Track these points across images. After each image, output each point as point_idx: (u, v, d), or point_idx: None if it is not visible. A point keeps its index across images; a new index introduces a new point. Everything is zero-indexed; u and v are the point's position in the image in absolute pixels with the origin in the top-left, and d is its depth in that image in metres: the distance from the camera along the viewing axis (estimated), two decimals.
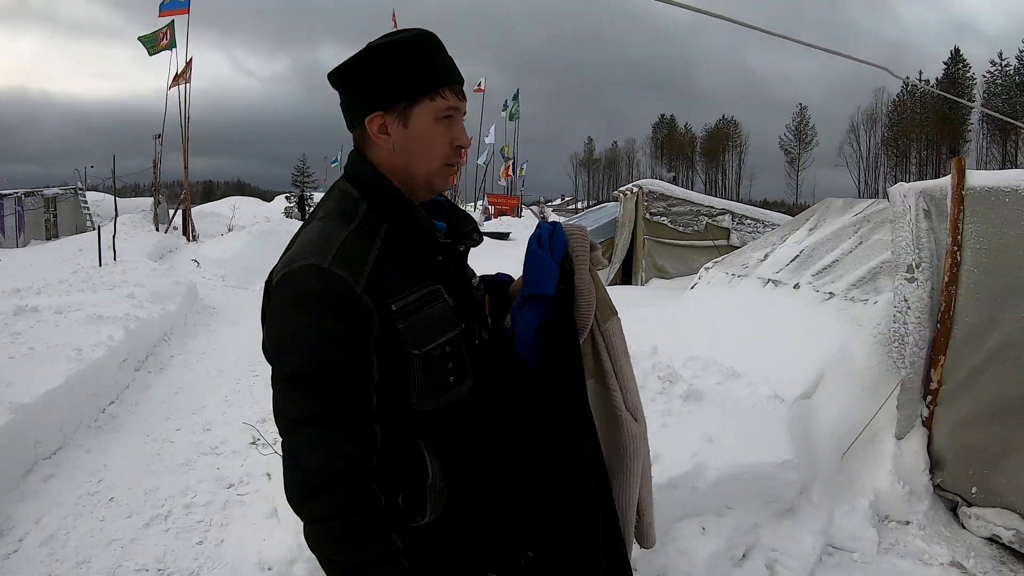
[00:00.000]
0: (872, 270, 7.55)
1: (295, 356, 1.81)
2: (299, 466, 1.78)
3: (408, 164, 2.05)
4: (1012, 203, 5.50)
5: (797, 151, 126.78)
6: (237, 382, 9.31)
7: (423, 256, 2.04)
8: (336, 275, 1.81)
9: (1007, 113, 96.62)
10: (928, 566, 5.21)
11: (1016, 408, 5.44)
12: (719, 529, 4.97)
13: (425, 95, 2.00)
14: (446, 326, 2.01)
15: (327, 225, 1.97)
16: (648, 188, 16.18)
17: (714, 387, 6.27)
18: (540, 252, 2.23)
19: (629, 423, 2.33)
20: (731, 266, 10.02)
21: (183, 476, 6.44)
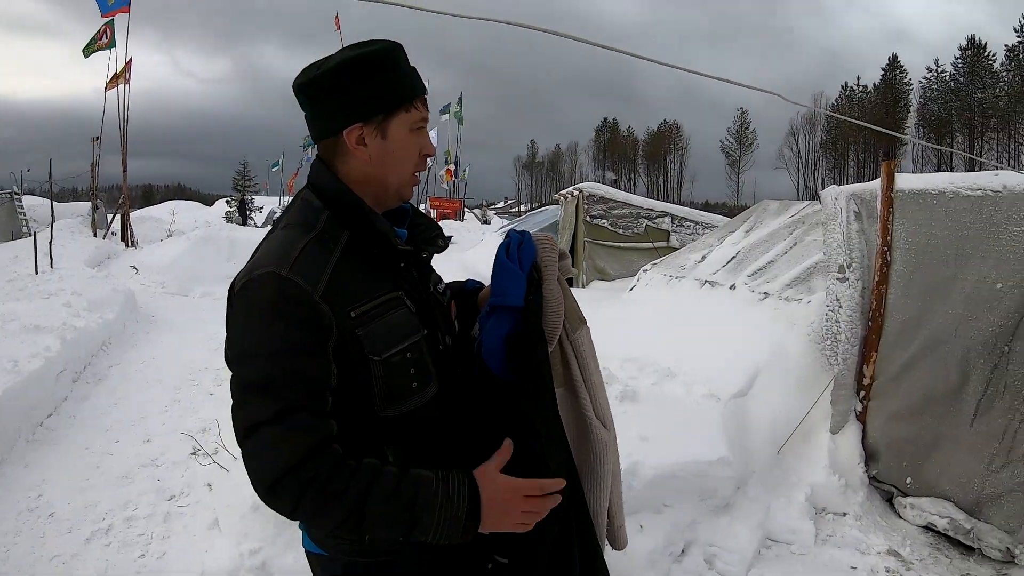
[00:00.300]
0: (806, 270, 7.72)
1: (253, 364, 1.84)
2: (260, 466, 1.81)
3: (383, 174, 2.09)
4: (939, 205, 5.67)
5: (738, 154, 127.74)
6: (177, 391, 9.20)
7: (384, 263, 2.06)
8: (294, 282, 1.84)
9: (941, 118, 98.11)
10: (865, 555, 5.35)
11: (946, 400, 5.62)
12: (657, 526, 5.06)
13: (401, 107, 2.05)
14: (407, 332, 2.03)
15: (288, 234, 1.99)
16: (588, 191, 16.26)
17: (650, 387, 6.35)
18: (508, 263, 2.24)
19: (599, 430, 2.34)
20: (669, 268, 10.15)
21: (123, 489, 6.36)
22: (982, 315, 5.35)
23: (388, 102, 2.03)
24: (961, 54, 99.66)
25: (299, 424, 1.81)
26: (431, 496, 1.89)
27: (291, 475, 1.78)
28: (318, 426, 1.84)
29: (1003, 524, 5.25)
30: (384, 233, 2.02)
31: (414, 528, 1.87)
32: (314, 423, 1.84)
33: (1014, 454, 5.20)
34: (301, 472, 1.78)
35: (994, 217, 5.29)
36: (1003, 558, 5.21)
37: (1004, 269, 5.22)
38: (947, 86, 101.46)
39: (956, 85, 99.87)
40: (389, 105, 2.03)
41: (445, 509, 1.89)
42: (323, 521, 1.86)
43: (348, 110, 2.02)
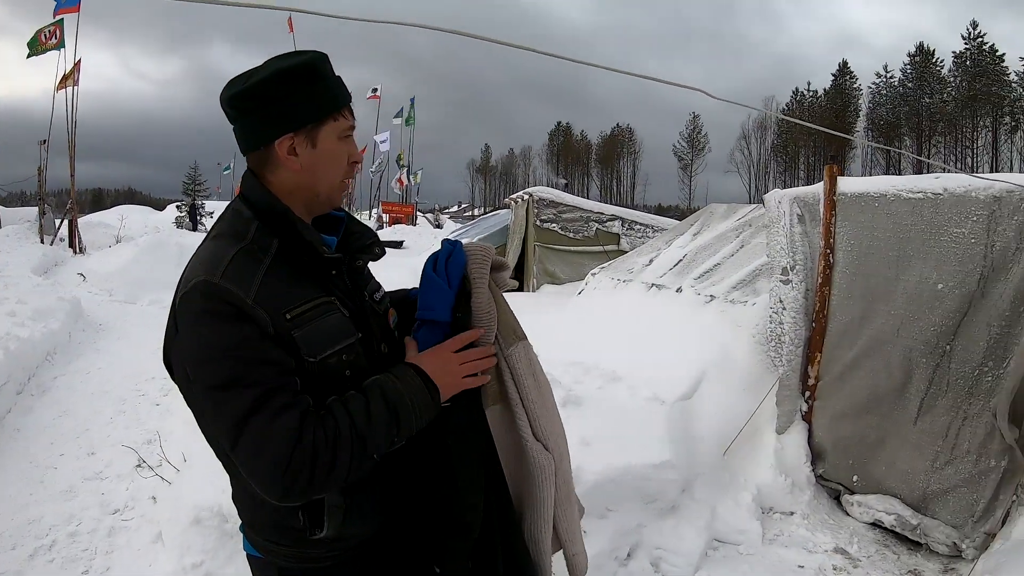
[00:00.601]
0: (751, 273, 7.76)
1: (213, 366, 1.86)
2: (264, 458, 1.82)
3: (314, 182, 2.11)
4: (881, 207, 5.73)
5: (690, 158, 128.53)
6: (123, 402, 9.05)
7: (314, 271, 2.08)
8: (226, 288, 1.87)
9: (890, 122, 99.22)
10: (812, 554, 5.39)
11: (890, 399, 5.70)
12: (600, 531, 5.03)
13: (330, 116, 2.08)
14: (341, 335, 2.05)
15: (217, 244, 2.02)
16: (538, 195, 16.34)
17: (594, 392, 6.32)
18: (435, 277, 2.24)
19: (536, 452, 2.31)
20: (617, 271, 10.17)
21: (67, 504, 6.24)
22: (924, 315, 5.42)
23: (318, 111, 2.06)
24: (910, 60, 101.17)
25: (281, 403, 1.85)
26: (394, 389, 2.02)
27: (297, 450, 1.82)
28: (298, 400, 1.89)
29: (949, 519, 5.33)
30: (311, 242, 2.04)
31: (399, 420, 2.00)
32: (294, 399, 1.88)
33: (958, 451, 5.29)
34: (303, 442, 1.83)
35: (935, 219, 5.35)
36: (950, 552, 5.29)
37: (945, 270, 5.29)
38: (896, 91, 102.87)
39: (905, 90, 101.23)
40: (319, 114, 2.06)
41: (410, 391, 2.04)
42: (339, 469, 1.90)
43: (279, 121, 2.04)
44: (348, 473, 1.92)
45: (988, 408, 5.09)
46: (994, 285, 5.04)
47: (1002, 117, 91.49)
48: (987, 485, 5.15)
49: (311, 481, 1.85)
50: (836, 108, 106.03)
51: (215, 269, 1.90)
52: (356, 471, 1.94)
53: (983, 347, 5.13)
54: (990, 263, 5.05)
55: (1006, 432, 4.94)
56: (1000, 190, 5.00)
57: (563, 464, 2.43)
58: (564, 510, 2.45)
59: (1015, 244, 4.93)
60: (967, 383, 5.23)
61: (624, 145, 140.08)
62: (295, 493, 1.86)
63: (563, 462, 2.44)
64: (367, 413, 1.95)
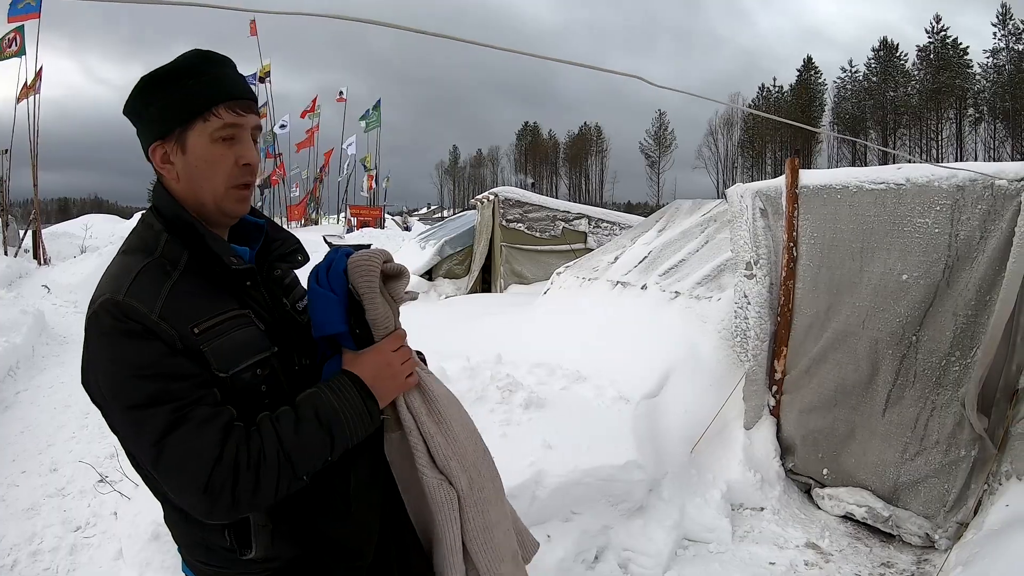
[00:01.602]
0: (716, 268, 7.75)
1: (125, 386, 1.79)
2: (184, 476, 1.76)
3: (194, 190, 2.01)
4: (843, 199, 5.71)
5: (657, 155, 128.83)
6: (86, 416, 8.83)
7: (227, 282, 2.01)
8: (130, 305, 1.80)
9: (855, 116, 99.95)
10: (783, 549, 5.36)
11: (857, 392, 5.70)
12: (566, 535, 4.97)
13: (197, 117, 1.95)
14: (255, 349, 1.98)
15: (125, 259, 1.96)
16: (504, 195, 16.28)
17: (558, 393, 6.26)
18: (319, 289, 2.09)
19: (434, 488, 2.16)
20: (582, 269, 10.13)
21: (29, 522, 6.14)
22: (889, 307, 5.41)
23: (179, 114, 1.95)
24: (874, 55, 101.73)
25: (200, 418, 1.79)
26: (327, 404, 1.94)
27: (217, 467, 1.76)
28: (218, 413, 1.83)
29: (920, 510, 5.34)
30: (217, 254, 1.97)
31: (333, 437, 1.93)
32: (212, 412, 1.82)
33: (927, 441, 5.31)
34: (224, 458, 1.77)
35: (898, 210, 5.34)
36: (923, 543, 5.30)
37: (909, 260, 5.28)
38: (860, 86, 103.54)
39: (869, 84, 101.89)
40: (180, 117, 1.96)
41: (344, 404, 1.96)
42: (266, 490, 1.83)
43: (148, 129, 2.00)
44: (275, 493, 1.85)
45: (956, 398, 5.11)
46: (959, 274, 5.04)
47: (966, 109, 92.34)
48: (958, 475, 5.15)
49: (235, 500, 1.78)
50: (801, 103, 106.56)
51: (120, 286, 1.84)
52: (284, 491, 1.87)
53: (950, 337, 5.13)
54: (955, 252, 5.04)
55: (975, 422, 4.94)
56: (963, 179, 4.99)
57: (480, 494, 2.27)
58: (483, 543, 2.26)
59: (979, 233, 4.93)
60: (935, 373, 5.23)
61: (592, 143, 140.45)
62: (219, 511, 1.79)
63: (482, 491, 2.28)
64: (296, 433, 1.88)
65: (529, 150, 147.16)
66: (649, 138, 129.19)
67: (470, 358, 6.43)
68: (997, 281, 4.84)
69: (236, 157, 2.01)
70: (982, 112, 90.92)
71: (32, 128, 26.51)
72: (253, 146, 2.08)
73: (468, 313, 9.96)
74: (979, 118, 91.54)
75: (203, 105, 1.95)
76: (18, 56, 25.87)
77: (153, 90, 1.95)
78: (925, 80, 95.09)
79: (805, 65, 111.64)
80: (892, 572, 5.10)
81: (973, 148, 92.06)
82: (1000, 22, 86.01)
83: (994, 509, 4.81)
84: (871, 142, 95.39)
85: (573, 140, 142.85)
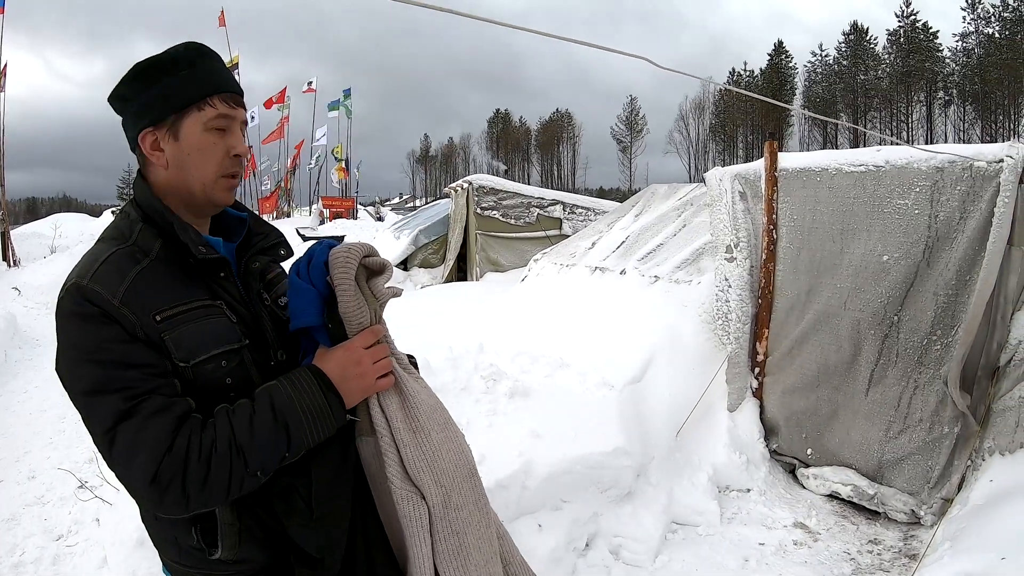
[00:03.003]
0: (695, 252, 7.78)
1: (80, 369, 1.79)
2: (132, 467, 1.74)
3: (184, 178, 2.01)
4: (823, 182, 5.75)
5: (629, 140, 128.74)
6: (62, 420, 8.74)
7: (199, 272, 2.00)
8: (92, 290, 1.80)
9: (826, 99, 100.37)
10: (772, 530, 5.40)
11: (840, 372, 5.76)
12: (557, 523, 4.98)
13: (192, 105, 1.96)
14: (221, 340, 1.96)
15: (99, 247, 1.96)
16: (478, 183, 16.23)
17: (542, 380, 6.26)
18: (298, 281, 2.07)
19: (403, 500, 2.05)
20: (560, 256, 10.11)
21: (9, 532, 6.01)
22: (870, 287, 5.46)
23: (174, 101, 1.96)
24: (844, 39, 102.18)
25: (152, 408, 1.77)
26: (285, 398, 1.90)
27: (166, 459, 1.73)
28: (173, 404, 1.80)
29: (905, 487, 5.41)
30: (185, 244, 1.95)
31: (289, 433, 1.87)
32: (167, 402, 1.80)
33: (911, 419, 5.38)
34: (174, 450, 1.74)
35: (878, 191, 5.38)
36: (908, 520, 5.37)
37: (889, 241, 5.32)
38: (831, 69, 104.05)
39: (840, 68, 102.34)
40: (175, 104, 1.96)
41: (303, 400, 1.91)
42: (216, 484, 1.78)
43: (139, 115, 1.98)
44: (228, 488, 1.82)
45: (939, 376, 5.17)
46: (939, 255, 5.09)
47: (936, 92, 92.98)
48: (941, 452, 5.22)
49: (184, 493, 1.75)
50: (773, 87, 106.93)
51: (86, 272, 1.85)
52: (238, 487, 1.83)
53: (931, 316, 5.18)
54: (935, 233, 5.09)
55: (958, 399, 5.00)
56: (942, 161, 5.04)
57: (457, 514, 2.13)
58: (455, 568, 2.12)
59: (959, 214, 4.98)
60: (916, 352, 5.29)
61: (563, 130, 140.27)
62: (169, 505, 1.77)
63: (459, 512, 2.13)
64: (250, 425, 1.85)
65: (500, 137, 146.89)
66: (620, 123, 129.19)
67: (452, 348, 6.41)
68: (977, 261, 4.90)
69: (227, 148, 2.03)
70: (952, 95, 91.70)
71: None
72: (243, 138, 2.09)
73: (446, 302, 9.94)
74: (949, 101, 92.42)
75: (199, 94, 1.97)
76: None
77: (148, 77, 1.96)
78: (895, 63, 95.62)
79: (776, 49, 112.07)
80: (880, 548, 5.15)
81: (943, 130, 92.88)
82: (969, 6, 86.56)
83: (978, 484, 4.87)
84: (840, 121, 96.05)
85: (544, 126, 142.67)
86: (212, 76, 2.01)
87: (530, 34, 2.43)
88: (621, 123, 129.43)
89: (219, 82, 2.02)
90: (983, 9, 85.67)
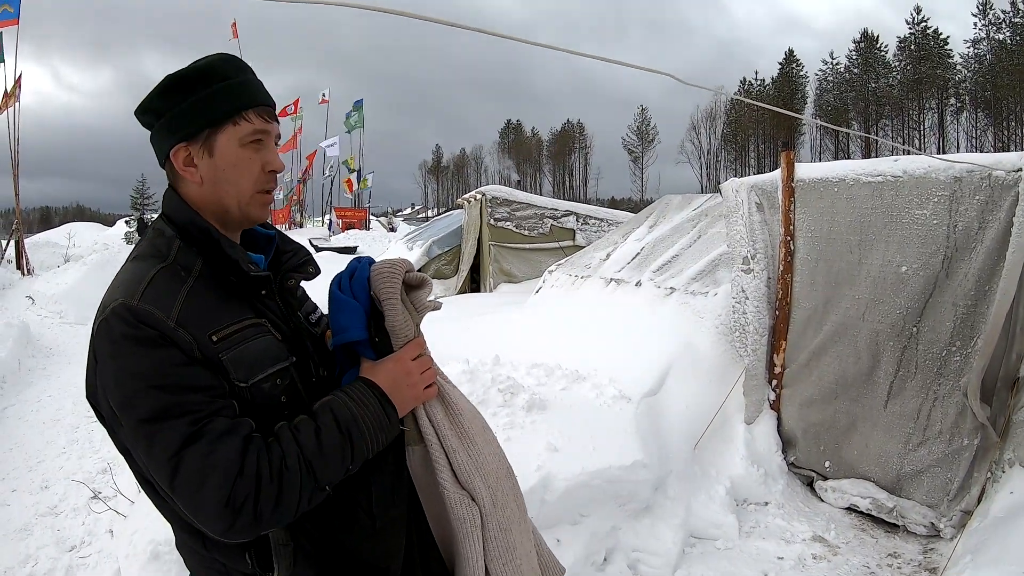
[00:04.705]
0: (711, 263, 7.74)
1: (138, 397, 1.70)
2: (204, 493, 1.67)
3: (219, 195, 1.97)
4: (840, 192, 5.72)
5: (640, 150, 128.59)
6: (75, 430, 8.79)
7: (242, 291, 1.96)
8: (146, 311, 1.73)
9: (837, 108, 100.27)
10: (790, 544, 5.36)
11: (858, 384, 5.73)
12: (575, 537, 4.95)
13: (228, 120, 1.92)
14: (274, 359, 1.92)
15: (137, 265, 1.89)
16: (491, 194, 16.17)
17: (559, 393, 6.20)
18: (341, 295, 2.08)
19: (456, 503, 2.10)
20: (574, 267, 10.11)
21: (22, 543, 6.02)
22: (889, 298, 5.44)
23: (210, 116, 1.91)
24: (855, 47, 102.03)
25: (218, 430, 1.71)
26: (347, 411, 1.89)
27: (238, 480, 1.68)
28: (238, 425, 1.75)
29: (924, 499, 5.38)
30: (235, 260, 1.92)
31: (353, 445, 1.87)
32: (232, 423, 1.74)
33: (930, 432, 5.34)
34: (245, 472, 1.69)
35: (896, 202, 5.37)
36: (928, 533, 5.34)
37: (908, 252, 5.30)
38: (842, 77, 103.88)
39: (851, 76, 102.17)
40: (211, 119, 1.91)
41: (365, 412, 1.91)
42: (288, 502, 1.75)
43: (171, 130, 1.93)
44: (298, 505, 1.78)
45: (958, 388, 5.14)
46: (958, 265, 5.07)
47: (947, 99, 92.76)
48: (961, 464, 5.18)
49: (257, 515, 1.71)
50: (784, 95, 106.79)
51: (134, 291, 1.77)
52: (307, 503, 1.81)
53: (950, 327, 5.16)
54: (953, 243, 5.07)
55: (978, 411, 4.97)
56: (960, 170, 5.02)
57: (503, 512, 2.21)
58: (504, 564, 2.19)
59: (977, 223, 4.96)
60: (936, 364, 5.26)
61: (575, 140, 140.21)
62: (240, 528, 1.71)
63: (505, 510, 2.22)
64: (317, 440, 1.82)
65: (512, 148, 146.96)
66: (632, 133, 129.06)
67: (468, 360, 6.37)
68: (996, 271, 4.88)
69: (263, 163, 2.00)
70: (963, 102, 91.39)
71: (12, 136, 25.86)
72: (277, 153, 2.06)
73: (460, 314, 9.89)
74: (960, 108, 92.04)
75: (235, 108, 1.93)
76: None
77: (181, 90, 1.91)
78: (906, 71, 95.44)
79: (787, 58, 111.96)
80: (899, 562, 5.12)
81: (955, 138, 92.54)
82: (980, 12, 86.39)
83: (998, 497, 4.84)
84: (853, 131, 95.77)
85: (556, 137, 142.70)
86: (248, 89, 1.98)
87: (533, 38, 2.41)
88: (632, 133, 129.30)
89: (255, 96, 1.99)
90: (994, 15, 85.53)
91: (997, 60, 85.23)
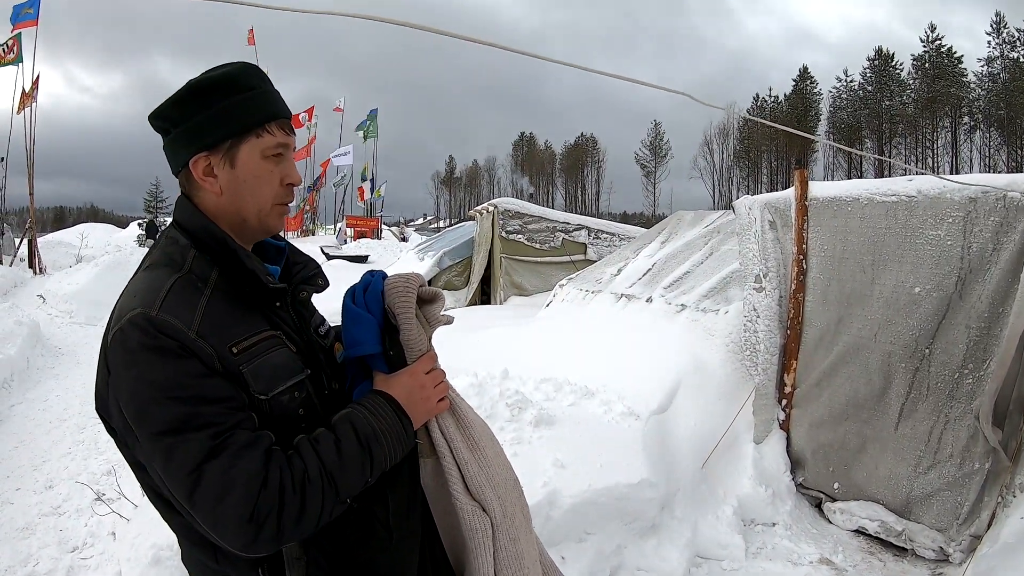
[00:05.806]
0: (722, 280, 7.70)
1: (156, 409, 1.67)
2: (226, 507, 1.65)
3: (238, 206, 1.95)
4: (854, 211, 5.70)
5: (653, 165, 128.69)
6: (81, 431, 8.77)
7: (258, 302, 1.94)
8: (166, 321, 1.70)
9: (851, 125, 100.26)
10: (797, 566, 5.31)
11: (869, 405, 5.68)
12: (580, 556, 4.91)
13: (251, 132, 1.91)
14: (291, 371, 1.90)
15: (152, 274, 1.86)
16: (503, 207, 16.18)
17: (567, 409, 6.16)
18: (354, 308, 2.09)
19: (469, 514, 2.11)
20: (585, 282, 10.10)
21: (24, 542, 5.99)
22: (901, 319, 5.40)
23: (233, 127, 1.90)
24: (869, 64, 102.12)
25: (240, 443, 1.69)
26: (366, 423, 1.89)
27: (262, 494, 1.66)
28: (259, 438, 1.74)
29: (933, 523, 5.32)
30: (254, 271, 1.90)
31: (372, 457, 1.86)
32: (253, 436, 1.73)
33: (941, 455, 5.29)
34: (268, 485, 1.67)
35: (910, 222, 5.34)
36: (937, 557, 5.27)
37: (921, 273, 5.27)
38: (856, 95, 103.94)
39: (865, 94, 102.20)
40: (235, 130, 1.90)
41: (383, 424, 1.91)
42: (310, 515, 1.74)
43: (192, 139, 1.90)
44: (319, 518, 1.76)
45: (970, 411, 5.09)
46: (972, 287, 5.03)
47: (961, 118, 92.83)
48: (971, 488, 5.13)
49: (280, 529, 1.68)
50: (797, 112, 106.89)
51: (152, 301, 1.74)
52: (328, 516, 1.78)
53: (963, 349, 5.11)
54: (967, 264, 5.03)
55: (989, 434, 4.91)
56: (975, 191, 4.99)
57: (512, 522, 2.21)
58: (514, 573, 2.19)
59: (992, 245, 4.92)
60: (948, 386, 5.22)
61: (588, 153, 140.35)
62: (262, 542, 1.68)
63: (513, 520, 2.22)
64: (338, 452, 1.80)
65: (525, 160, 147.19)
66: (644, 148, 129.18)
67: (477, 373, 6.34)
68: (1010, 293, 4.84)
69: (282, 176, 1.99)
70: (977, 120, 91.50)
71: (28, 136, 26.26)
72: (295, 166, 2.04)
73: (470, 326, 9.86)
74: (974, 126, 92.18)
75: (258, 121, 1.92)
76: (14, 64, 25.60)
77: (202, 99, 1.89)
78: (920, 89, 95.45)
79: (800, 75, 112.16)
80: None
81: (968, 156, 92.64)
82: (994, 31, 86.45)
83: (1009, 522, 4.78)
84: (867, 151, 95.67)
85: (569, 150, 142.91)
86: (270, 101, 1.97)
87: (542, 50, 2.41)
88: (645, 147, 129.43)
89: (277, 108, 1.98)
90: (1008, 34, 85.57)
91: (1011, 79, 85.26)
